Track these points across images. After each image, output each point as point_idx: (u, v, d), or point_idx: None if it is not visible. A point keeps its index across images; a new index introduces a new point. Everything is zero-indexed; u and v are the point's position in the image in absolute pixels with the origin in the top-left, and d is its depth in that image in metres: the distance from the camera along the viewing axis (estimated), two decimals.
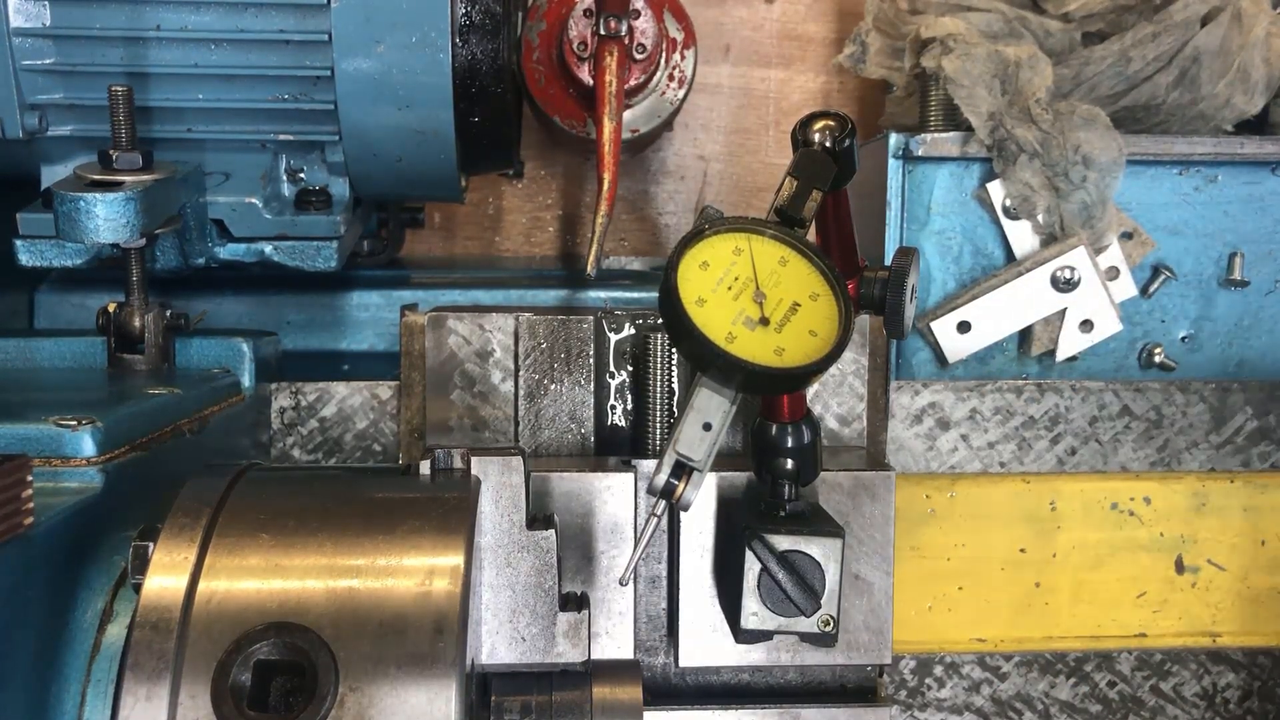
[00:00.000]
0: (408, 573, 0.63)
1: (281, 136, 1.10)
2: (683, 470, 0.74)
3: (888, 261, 0.82)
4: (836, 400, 1.09)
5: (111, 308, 1.05)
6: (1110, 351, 1.23)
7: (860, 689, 1.01)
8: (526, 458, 0.75)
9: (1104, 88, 1.20)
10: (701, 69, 1.43)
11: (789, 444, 0.85)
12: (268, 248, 1.11)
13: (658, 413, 1.02)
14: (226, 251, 1.12)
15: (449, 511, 0.68)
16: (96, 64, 1.04)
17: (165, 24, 1.04)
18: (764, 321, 0.72)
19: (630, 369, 1.06)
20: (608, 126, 1.19)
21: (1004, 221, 1.19)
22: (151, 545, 0.66)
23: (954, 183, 1.20)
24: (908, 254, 0.82)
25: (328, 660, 0.59)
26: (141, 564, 0.65)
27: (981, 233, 1.21)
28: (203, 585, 0.63)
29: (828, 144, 0.77)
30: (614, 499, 0.94)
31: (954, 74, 1.14)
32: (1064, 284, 1.17)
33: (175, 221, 1.04)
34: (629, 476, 0.94)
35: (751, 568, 0.83)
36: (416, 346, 1.08)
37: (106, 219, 0.93)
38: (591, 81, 1.25)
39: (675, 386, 1.03)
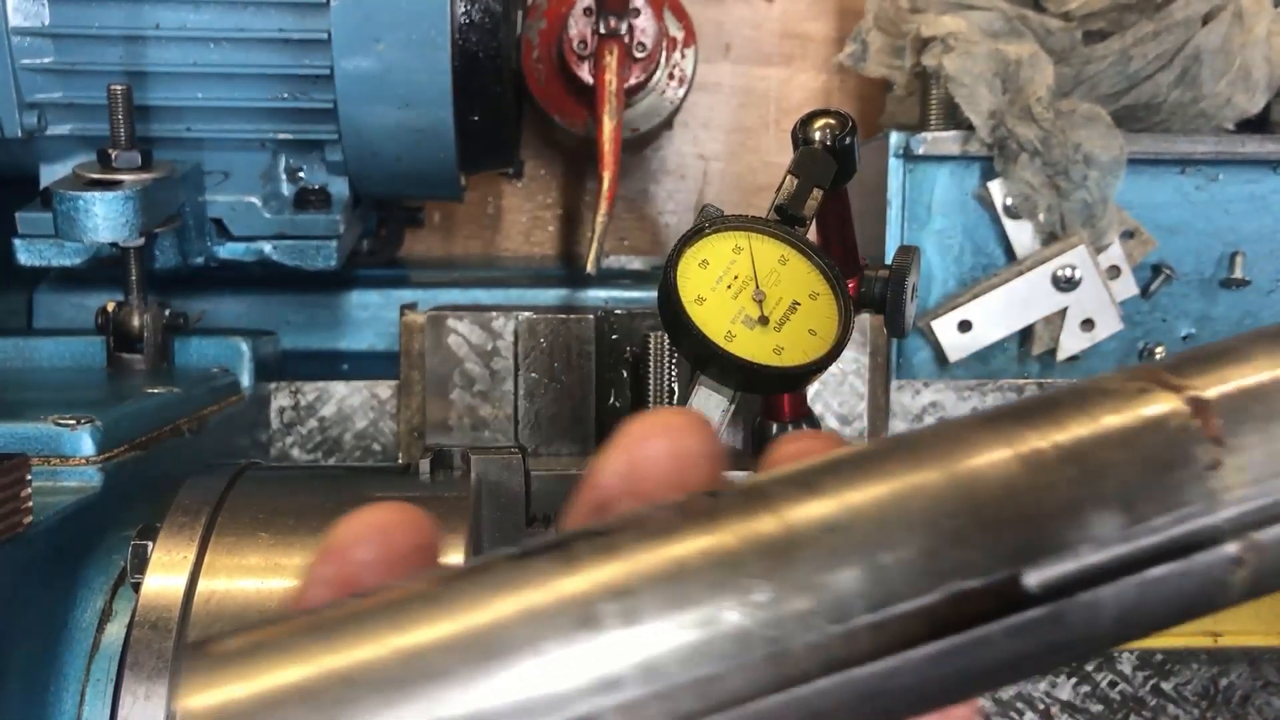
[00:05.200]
0: None
1: (281, 135, 1.10)
2: None
3: (889, 260, 0.81)
4: (837, 400, 1.09)
5: (110, 307, 1.05)
6: (1111, 351, 1.23)
7: None
8: (526, 457, 0.75)
9: (1105, 86, 1.20)
10: (702, 68, 1.43)
11: None
12: (267, 247, 1.11)
13: None
14: (226, 250, 1.12)
15: (449, 511, 0.68)
16: (95, 63, 1.04)
17: (164, 23, 1.04)
18: (763, 320, 0.71)
19: (630, 368, 1.06)
20: (608, 125, 1.19)
21: (1005, 220, 1.19)
22: (150, 544, 0.66)
23: (955, 182, 1.20)
24: (908, 252, 0.81)
25: None
26: (140, 563, 0.65)
27: (982, 232, 1.21)
28: (202, 584, 0.63)
29: (828, 142, 0.77)
30: None
31: (955, 72, 1.14)
32: (1065, 283, 1.17)
33: (174, 220, 1.04)
34: None
35: None
36: (416, 346, 1.08)
37: (105, 218, 0.92)
38: (591, 80, 1.25)
39: (675, 386, 1.02)
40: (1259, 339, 0.33)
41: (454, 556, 0.64)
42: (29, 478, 0.65)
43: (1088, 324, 1.19)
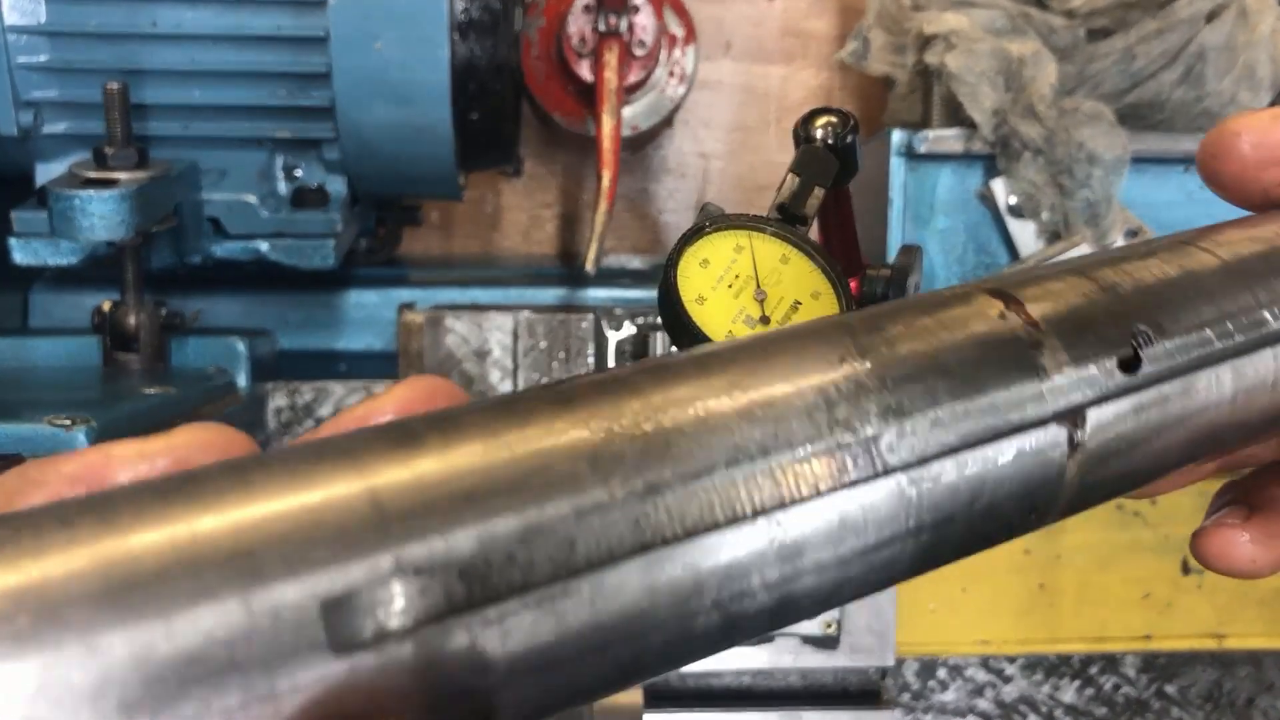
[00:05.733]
0: None
1: (278, 134, 1.09)
2: None
3: (891, 259, 0.81)
4: None
5: (106, 307, 1.04)
6: None
7: (863, 692, 1.00)
8: None
9: (1108, 85, 1.19)
10: (702, 65, 1.42)
11: None
12: (264, 246, 1.10)
13: None
14: (222, 250, 1.11)
15: None
16: (92, 61, 1.03)
17: (161, 21, 1.03)
18: (764, 320, 0.70)
19: None
20: (607, 124, 1.19)
21: (1008, 219, 1.18)
22: None
23: (957, 180, 1.19)
24: (911, 252, 0.81)
25: None
26: None
27: (985, 231, 1.20)
28: None
29: (830, 141, 0.75)
30: None
31: (957, 70, 1.13)
32: None
33: (171, 219, 1.03)
34: None
35: None
36: (414, 346, 1.07)
37: (101, 217, 0.92)
38: (591, 78, 1.24)
39: None
40: (1056, 266, 0.36)
41: None
42: None
43: None
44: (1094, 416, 0.32)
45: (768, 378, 0.28)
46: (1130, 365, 0.33)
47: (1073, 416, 0.31)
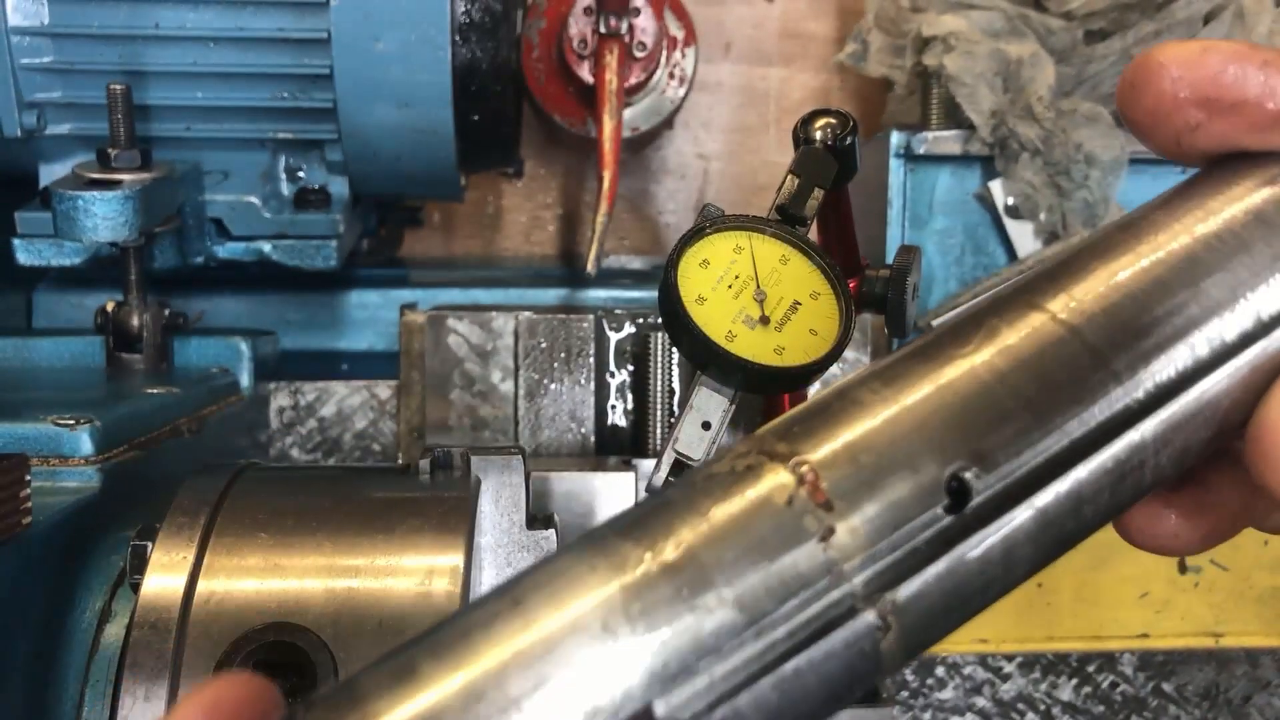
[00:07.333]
0: (407, 573, 0.63)
1: (280, 135, 1.10)
2: (682, 469, 0.74)
3: (889, 260, 0.81)
4: None
5: (110, 307, 1.05)
6: None
7: None
8: (526, 457, 0.75)
9: (1107, 86, 1.20)
10: (702, 67, 1.43)
11: None
12: (266, 246, 1.11)
13: (658, 412, 1.02)
14: (225, 250, 1.12)
15: (448, 511, 0.67)
16: (95, 62, 1.04)
17: (164, 22, 1.03)
18: (764, 320, 0.71)
19: (630, 368, 1.06)
20: (608, 125, 1.19)
21: (1006, 221, 1.19)
22: (150, 545, 0.65)
23: (956, 181, 1.20)
24: (910, 252, 0.81)
25: (327, 661, 0.58)
26: (140, 563, 0.65)
27: (983, 232, 1.20)
28: (201, 585, 0.62)
29: (829, 142, 0.76)
30: (614, 498, 0.93)
31: (956, 72, 1.14)
32: None
33: (174, 220, 1.04)
34: (629, 476, 0.94)
35: None
36: (416, 346, 1.08)
37: (105, 218, 0.92)
38: (591, 79, 1.25)
39: (675, 386, 1.02)
40: (852, 389, 0.32)
41: (453, 557, 0.64)
42: (28, 478, 0.65)
43: None
44: (906, 589, 0.29)
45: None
46: (954, 506, 0.30)
47: (876, 600, 0.29)
